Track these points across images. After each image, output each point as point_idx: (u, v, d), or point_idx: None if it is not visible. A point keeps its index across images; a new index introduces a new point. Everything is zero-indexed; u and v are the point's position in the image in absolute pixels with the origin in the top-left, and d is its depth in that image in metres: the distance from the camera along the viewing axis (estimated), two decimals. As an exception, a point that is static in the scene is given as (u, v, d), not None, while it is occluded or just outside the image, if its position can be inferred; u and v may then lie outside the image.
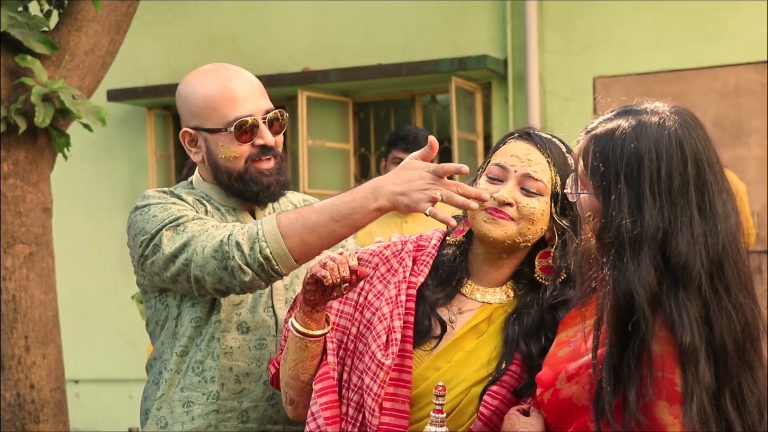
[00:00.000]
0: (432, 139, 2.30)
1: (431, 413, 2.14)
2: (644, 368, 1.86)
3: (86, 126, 4.61)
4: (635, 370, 1.86)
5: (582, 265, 2.02)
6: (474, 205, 2.21)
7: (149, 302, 2.69)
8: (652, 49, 7.69)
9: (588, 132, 2.02)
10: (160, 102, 8.83)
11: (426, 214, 2.28)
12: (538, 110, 7.96)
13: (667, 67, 7.61)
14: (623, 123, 1.96)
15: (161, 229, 2.52)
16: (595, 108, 8.22)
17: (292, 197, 2.87)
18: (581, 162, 2.01)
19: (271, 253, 2.40)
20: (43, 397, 4.59)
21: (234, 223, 2.52)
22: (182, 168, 4.26)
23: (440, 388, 2.12)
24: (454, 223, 2.28)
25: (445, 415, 2.14)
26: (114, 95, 8.71)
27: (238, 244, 2.41)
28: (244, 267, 2.41)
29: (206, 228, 2.49)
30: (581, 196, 2.01)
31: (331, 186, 8.63)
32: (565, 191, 2.12)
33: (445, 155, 8.27)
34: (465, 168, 2.27)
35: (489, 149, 9.22)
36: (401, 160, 5.40)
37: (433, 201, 2.27)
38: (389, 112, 8.75)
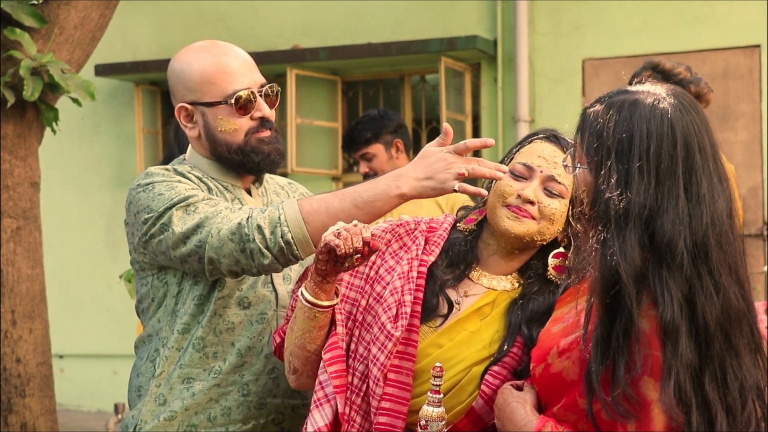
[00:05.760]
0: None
1: (428, 393, 2.18)
2: (633, 344, 1.89)
3: (75, 100, 4.60)
4: (624, 345, 1.89)
5: (577, 240, 2.05)
6: (500, 174, 2.28)
7: (145, 279, 2.67)
8: (641, 31, 7.70)
9: (587, 109, 2.06)
10: (148, 78, 8.79)
11: (455, 191, 2.34)
12: (527, 91, 7.97)
13: (655, 50, 7.61)
14: (619, 101, 2.00)
15: (170, 208, 2.51)
16: (583, 90, 8.28)
17: (278, 179, 2.89)
18: (578, 137, 2.05)
19: (292, 238, 2.43)
20: (30, 371, 4.59)
21: (250, 207, 2.53)
22: (169, 144, 4.22)
23: (438, 369, 2.16)
24: (485, 193, 2.34)
25: (442, 395, 2.18)
26: (102, 70, 8.67)
27: (259, 227, 2.43)
28: (264, 250, 2.43)
29: (219, 210, 2.50)
30: (577, 170, 2.05)
31: (319, 165, 8.62)
32: (563, 164, 2.16)
33: (433, 135, 8.27)
34: (491, 141, 2.34)
35: (477, 130, 9.22)
36: (354, 161, 5.27)
37: (460, 177, 2.33)
38: (378, 92, 8.74)
